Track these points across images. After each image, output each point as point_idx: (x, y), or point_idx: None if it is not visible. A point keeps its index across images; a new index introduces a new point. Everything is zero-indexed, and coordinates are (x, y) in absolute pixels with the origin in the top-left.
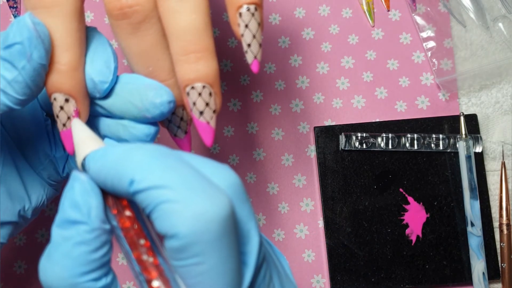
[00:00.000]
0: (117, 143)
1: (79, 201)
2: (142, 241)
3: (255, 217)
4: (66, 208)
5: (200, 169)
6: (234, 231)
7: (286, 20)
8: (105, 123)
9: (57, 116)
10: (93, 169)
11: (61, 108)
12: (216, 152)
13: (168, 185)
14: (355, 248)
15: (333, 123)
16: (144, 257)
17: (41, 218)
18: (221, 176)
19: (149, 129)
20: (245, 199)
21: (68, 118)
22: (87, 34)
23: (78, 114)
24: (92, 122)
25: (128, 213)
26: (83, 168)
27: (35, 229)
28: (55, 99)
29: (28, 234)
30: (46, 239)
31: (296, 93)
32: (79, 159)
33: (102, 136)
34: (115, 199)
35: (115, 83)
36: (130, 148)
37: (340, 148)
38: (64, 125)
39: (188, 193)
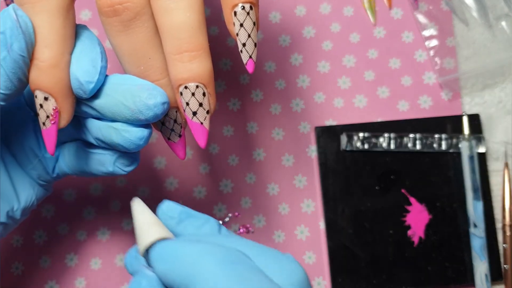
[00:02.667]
0: (183, 239)
1: None
2: None
3: None
4: None
5: (267, 270)
6: None
7: (286, 18)
8: (97, 126)
9: (38, 114)
10: (161, 270)
11: (41, 106)
12: (215, 152)
13: None
14: (356, 249)
15: (334, 123)
16: None
17: (38, 219)
18: (288, 273)
19: (142, 132)
20: None
21: (47, 116)
22: (77, 31)
23: (58, 113)
24: (83, 124)
25: None
26: (146, 254)
27: (33, 230)
28: (36, 96)
29: (26, 235)
30: (43, 240)
31: (297, 92)
32: (142, 244)
33: (94, 138)
34: None
35: (106, 83)
36: (200, 253)
37: (341, 148)
38: (44, 124)
39: None
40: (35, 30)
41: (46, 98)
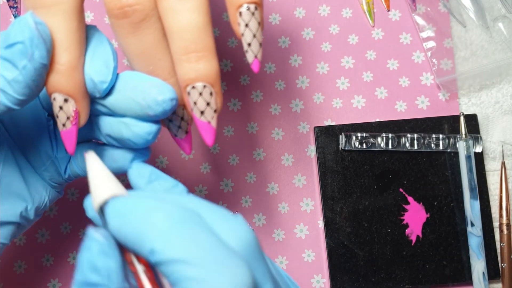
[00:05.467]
0: (136, 193)
1: (98, 264)
2: None
3: (271, 275)
4: (86, 271)
5: (216, 228)
6: None
7: (286, 20)
8: (107, 122)
9: (57, 116)
10: (113, 225)
11: (61, 108)
12: (216, 152)
13: (189, 260)
14: (355, 248)
15: (333, 123)
16: None
17: (41, 218)
18: (237, 234)
19: (151, 127)
20: (261, 258)
21: (68, 118)
22: (87, 32)
23: (77, 114)
24: (94, 121)
25: (143, 267)
26: (100, 212)
27: (35, 229)
28: (54, 99)
29: (28, 234)
30: (46, 239)
31: (296, 93)
32: (96, 201)
33: (105, 136)
34: (135, 256)
35: (117, 80)
36: (150, 209)
37: (340, 148)
38: (64, 125)
39: (209, 270)
40: (51, 34)
41: (66, 100)
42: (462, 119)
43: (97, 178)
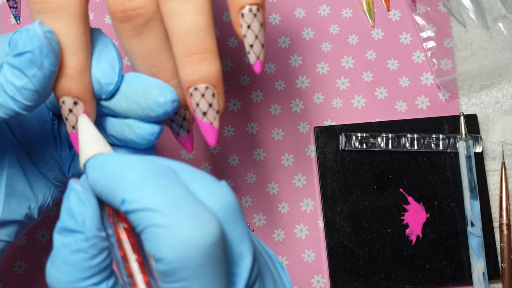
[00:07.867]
0: (119, 153)
1: (75, 210)
2: (134, 256)
3: (249, 237)
4: (64, 217)
5: (194, 188)
6: (221, 256)
7: (286, 20)
8: (111, 123)
9: (66, 119)
10: (91, 178)
11: (70, 111)
12: (216, 152)
13: (157, 208)
14: (355, 248)
15: (333, 123)
16: (135, 272)
17: (41, 218)
18: (216, 195)
19: (154, 128)
20: (239, 219)
21: (77, 120)
22: (92, 35)
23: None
24: (98, 122)
25: (124, 225)
26: (85, 170)
27: (36, 229)
28: (63, 102)
29: (28, 234)
30: (46, 239)
31: (296, 93)
32: (82, 159)
33: (109, 136)
34: (113, 208)
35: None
36: (127, 164)
37: (340, 148)
38: (73, 127)
39: (176, 218)
40: (59, 38)
41: (75, 103)
42: (462, 119)
43: (85, 139)
